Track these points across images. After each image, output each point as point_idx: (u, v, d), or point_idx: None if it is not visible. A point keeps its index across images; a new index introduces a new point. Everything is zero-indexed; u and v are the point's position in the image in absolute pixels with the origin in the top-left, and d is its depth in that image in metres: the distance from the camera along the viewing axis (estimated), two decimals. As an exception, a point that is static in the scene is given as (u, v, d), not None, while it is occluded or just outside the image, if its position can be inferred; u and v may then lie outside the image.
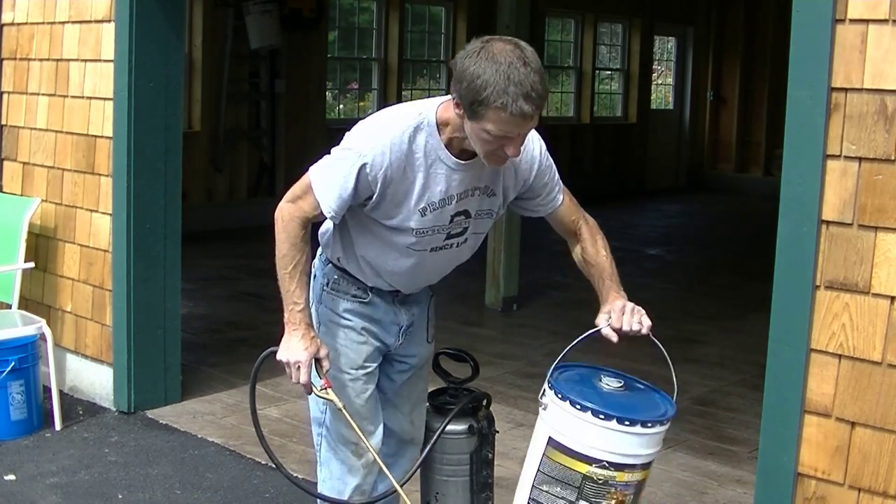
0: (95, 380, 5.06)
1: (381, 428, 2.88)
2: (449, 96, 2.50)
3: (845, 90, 2.77)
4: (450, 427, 2.85)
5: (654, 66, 15.21)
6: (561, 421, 2.47)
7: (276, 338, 2.89)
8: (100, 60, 4.89)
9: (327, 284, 2.82)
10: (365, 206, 2.60)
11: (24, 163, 5.36)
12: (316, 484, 2.99)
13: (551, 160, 2.75)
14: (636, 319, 2.62)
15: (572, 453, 2.45)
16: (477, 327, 6.81)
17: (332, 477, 2.88)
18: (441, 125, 2.53)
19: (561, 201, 2.79)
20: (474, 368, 2.99)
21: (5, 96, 5.48)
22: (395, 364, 2.95)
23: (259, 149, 10.50)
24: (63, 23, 5.08)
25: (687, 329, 6.75)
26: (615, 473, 2.44)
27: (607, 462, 2.43)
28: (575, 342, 2.53)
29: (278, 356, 2.66)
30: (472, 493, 2.92)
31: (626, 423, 2.42)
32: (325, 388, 2.67)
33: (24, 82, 5.36)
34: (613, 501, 2.47)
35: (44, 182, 5.24)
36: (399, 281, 2.76)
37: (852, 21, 2.76)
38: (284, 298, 2.65)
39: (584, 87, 13.93)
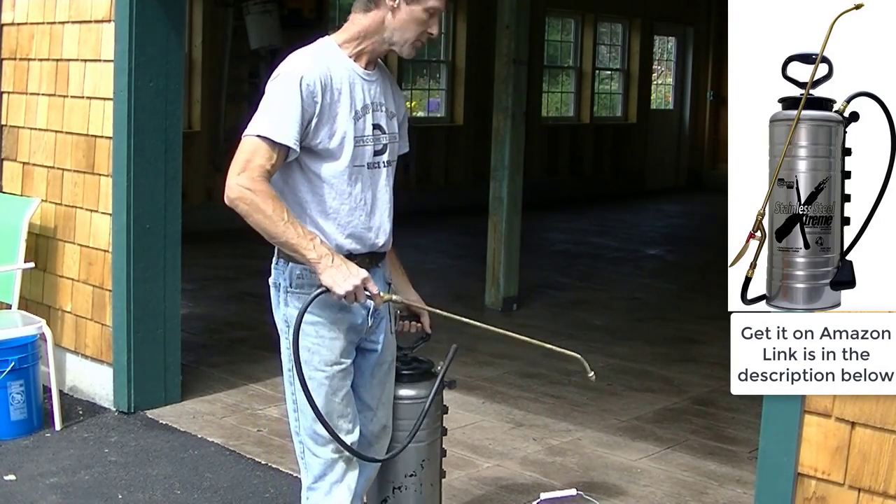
0: (95, 380, 5.06)
1: (358, 429, 2.89)
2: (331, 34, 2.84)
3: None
4: (430, 391, 2.99)
5: (654, 66, 15.21)
6: None
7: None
8: (100, 60, 4.88)
9: (290, 285, 2.80)
10: (307, 135, 2.69)
11: (24, 163, 5.36)
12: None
13: None
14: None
15: None
16: (477, 327, 6.79)
17: (327, 481, 2.88)
18: (342, 45, 2.79)
19: (408, 151, 3.01)
20: (425, 335, 3.08)
21: (5, 96, 5.48)
22: (367, 354, 2.94)
23: (259, 149, 10.48)
24: (63, 23, 5.08)
25: (687, 329, 6.72)
26: None
27: None
28: None
29: (340, 291, 2.62)
30: (440, 442, 3.15)
31: None
32: (383, 294, 2.75)
33: (24, 82, 5.36)
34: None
35: (44, 182, 5.23)
36: (356, 224, 2.79)
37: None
38: (298, 245, 2.61)
39: (584, 87, 13.93)
